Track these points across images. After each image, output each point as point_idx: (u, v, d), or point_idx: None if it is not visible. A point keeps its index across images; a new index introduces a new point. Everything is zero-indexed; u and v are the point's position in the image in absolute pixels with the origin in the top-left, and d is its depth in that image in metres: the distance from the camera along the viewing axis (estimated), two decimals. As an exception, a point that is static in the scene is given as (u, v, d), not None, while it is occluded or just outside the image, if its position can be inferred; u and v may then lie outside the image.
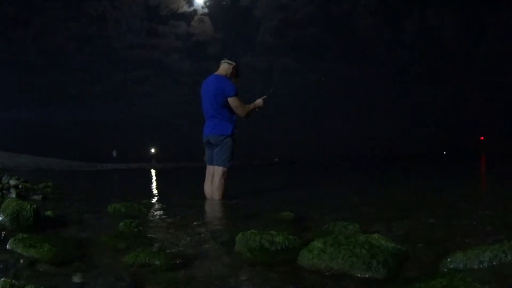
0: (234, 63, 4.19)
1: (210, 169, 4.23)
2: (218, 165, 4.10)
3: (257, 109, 4.28)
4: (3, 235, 1.97)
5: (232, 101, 4.03)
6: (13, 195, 3.97)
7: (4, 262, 1.55)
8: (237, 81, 4.23)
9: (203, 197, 4.16)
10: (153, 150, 41.15)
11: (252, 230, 1.82)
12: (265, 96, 4.32)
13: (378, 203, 3.61)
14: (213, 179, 4.13)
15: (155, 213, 3.09)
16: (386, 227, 2.31)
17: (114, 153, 35.30)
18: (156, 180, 10.85)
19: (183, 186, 8.46)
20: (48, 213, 2.57)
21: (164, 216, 2.94)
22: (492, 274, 1.30)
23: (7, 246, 1.71)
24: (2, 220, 2.17)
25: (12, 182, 4.55)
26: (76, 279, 1.39)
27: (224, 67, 4.19)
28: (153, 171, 19.40)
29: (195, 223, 2.66)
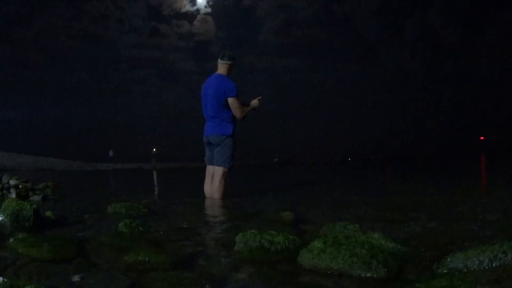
0: (232, 61, 4.19)
1: (210, 169, 4.23)
2: (218, 165, 4.10)
3: (253, 111, 4.28)
4: (3, 235, 1.97)
5: (231, 101, 4.03)
6: (13, 195, 3.97)
7: (4, 261, 1.55)
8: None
9: (203, 197, 4.17)
10: (153, 150, 41.13)
11: (252, 230, 1.82)
12: (260, 97, 4.32)
13: (378, 204, 3.61)
14: (213, 179, 4.13)
15: (155, 213, 3.09)
16: (386, 227, 2.31)
17: (111, 153, 35.25)
18: (156, 180, 10.86)
19: (183, 186, 8.46)
20: (48, 213, 2.57)
21: (164, 216, 2.94)
22: (492, 274, 1.30)
23: (7, 246, 1.71)
24: (2, 220, 2.17)
25: (12, 182, 4.54)
26: (76, 279, 1.39)
27: (224, 67, 4.19)
28: (153, 171, 19.41)
29: (195, 223, 2.66)
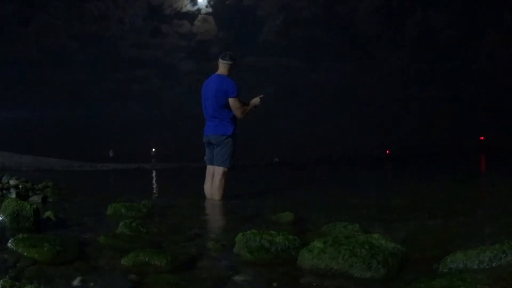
0: (233, 61, 4.19)
1: (210, 169, 4.23)
2: (219, 165, 4.10)
3: (254, 109, 4.28)
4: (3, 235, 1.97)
5: (232, 102, 4.04)
6: (13, 195, 3.96)
7: (4, 262, 1.55)
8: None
9: (203, 198, 4.17)
10: (153, 150, 41.13)
11: (252, 230, 1.82)
12: (262, 95, 4.32)
13: (378, 204, 3.61)
14: (214, 179, 4.13)
15: (155, 213, 3.09)
16: (386, 228, 2.31)
17: (111, 153, 35.29)
18: (156, 180, 10.85)
19: (183, 186, 8.46)
20: (48, 213, 2.57)
21: (164, 217, 2.94)
22: (492, 274, 1.30)
23: (7, 246, 1.70)
24: (2, 220, 2.17)
25: (12, 182, 4.53)
26: (76, 279, 1.39)
27: (225, 67, 4.19)
28: (153, 171, 19.40)
29: (195, 223, 2.66)
